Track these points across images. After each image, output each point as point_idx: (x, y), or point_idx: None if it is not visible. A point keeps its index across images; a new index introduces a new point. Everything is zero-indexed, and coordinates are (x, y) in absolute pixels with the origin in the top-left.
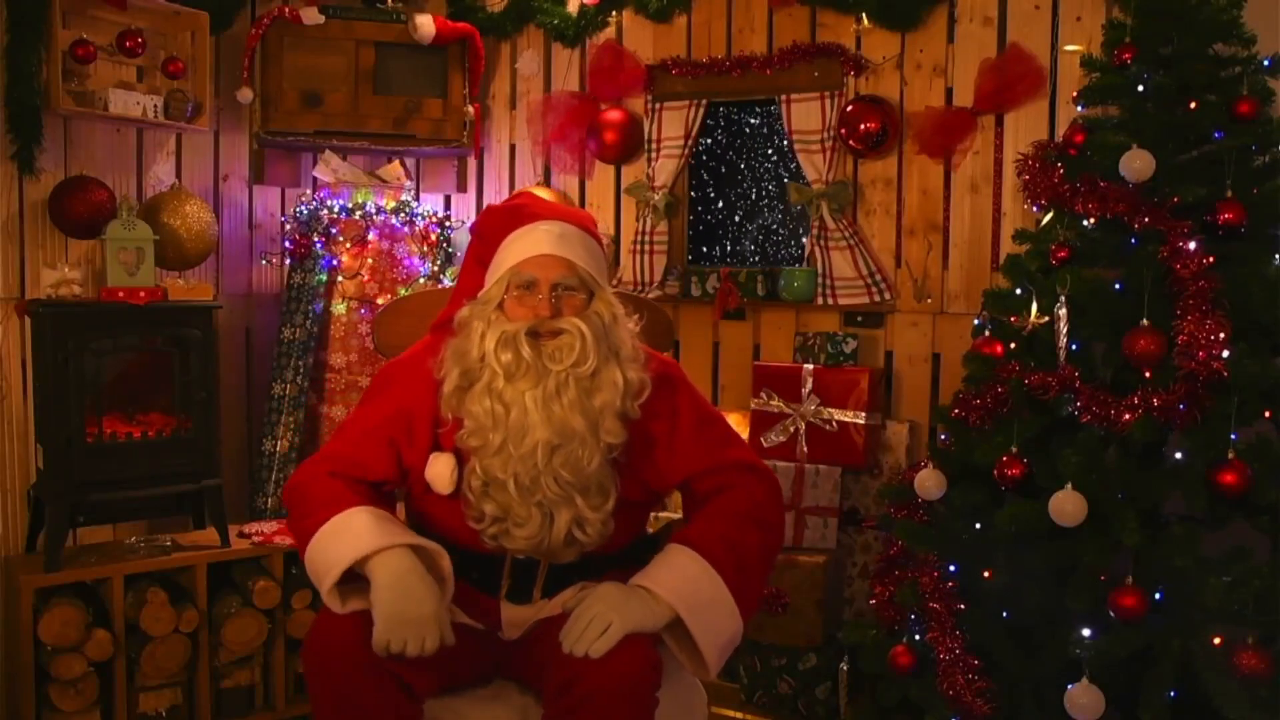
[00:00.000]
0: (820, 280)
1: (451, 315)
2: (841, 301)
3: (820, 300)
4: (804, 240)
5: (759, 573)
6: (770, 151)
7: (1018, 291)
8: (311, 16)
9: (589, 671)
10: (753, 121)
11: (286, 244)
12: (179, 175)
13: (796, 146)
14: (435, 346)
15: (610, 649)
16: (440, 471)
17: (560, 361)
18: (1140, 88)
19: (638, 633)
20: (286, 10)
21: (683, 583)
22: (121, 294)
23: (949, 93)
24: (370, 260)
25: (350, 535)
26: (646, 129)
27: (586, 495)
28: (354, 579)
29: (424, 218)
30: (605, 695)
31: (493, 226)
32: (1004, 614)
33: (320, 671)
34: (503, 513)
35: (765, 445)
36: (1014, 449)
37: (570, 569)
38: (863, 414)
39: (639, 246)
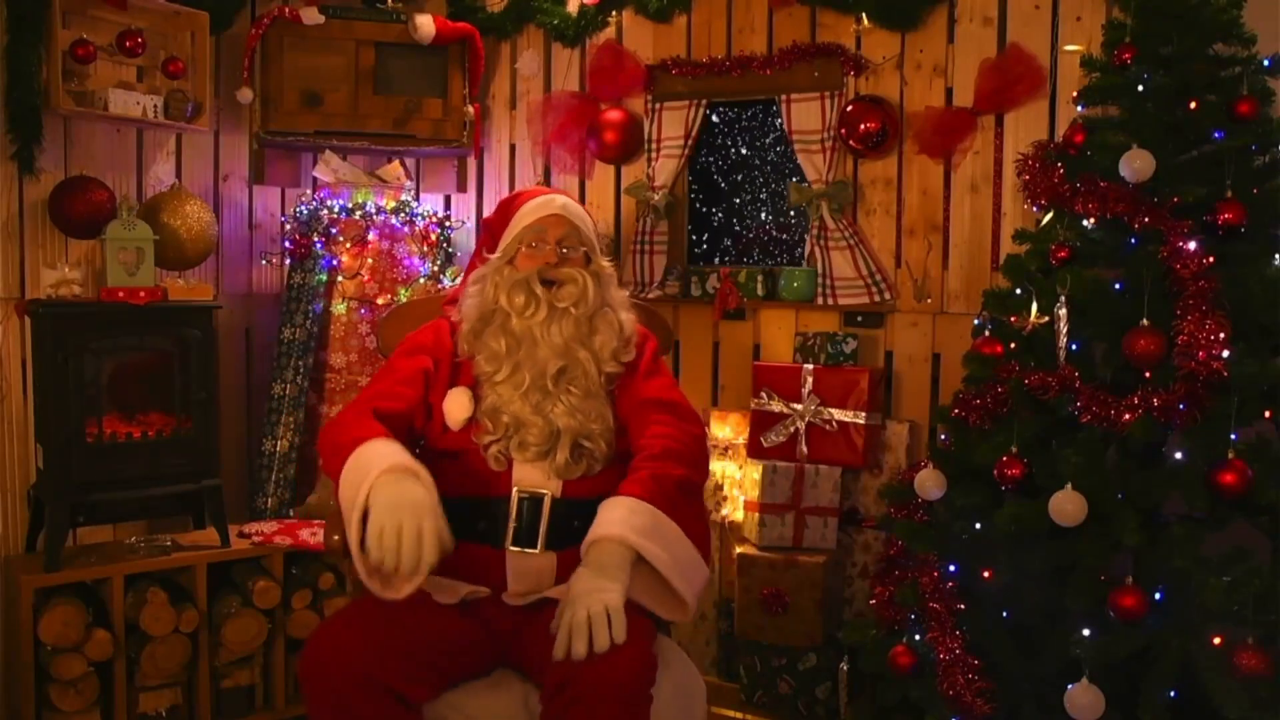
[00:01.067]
0: (820, 280)
1: (463, 292)
2: (841, 301)
3: (820, 300)
4: (804, 240)
5: (684, 500)
6: (770, 152)
7: (1018, 291)
8: (311, 16)
9: (584, 671)
10: (751, 122)
11: (286, 244)
12: (179, 175)
13: (796, 146)
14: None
15: (610, 647)
16: (458, 400)
17: (565, 301)
18: (1140, 88)
19: (634, 630)
20: (286, 10)
21: (619, 518)
22: (121, 294)
23: (949, 93)
24: (370, 260)
25: (374, 456)
26: (646, 129)
27: (589, 417)
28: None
29: (424, 218)
30: (601, 691)
31: (503, 209)
32: (1004, 614)
33: (317, 685)
34: (514, 423)
35: (765, 445)
36: (1014, 449)
37: (572, 512)
38: (863, 414)
39: (639, 246)
